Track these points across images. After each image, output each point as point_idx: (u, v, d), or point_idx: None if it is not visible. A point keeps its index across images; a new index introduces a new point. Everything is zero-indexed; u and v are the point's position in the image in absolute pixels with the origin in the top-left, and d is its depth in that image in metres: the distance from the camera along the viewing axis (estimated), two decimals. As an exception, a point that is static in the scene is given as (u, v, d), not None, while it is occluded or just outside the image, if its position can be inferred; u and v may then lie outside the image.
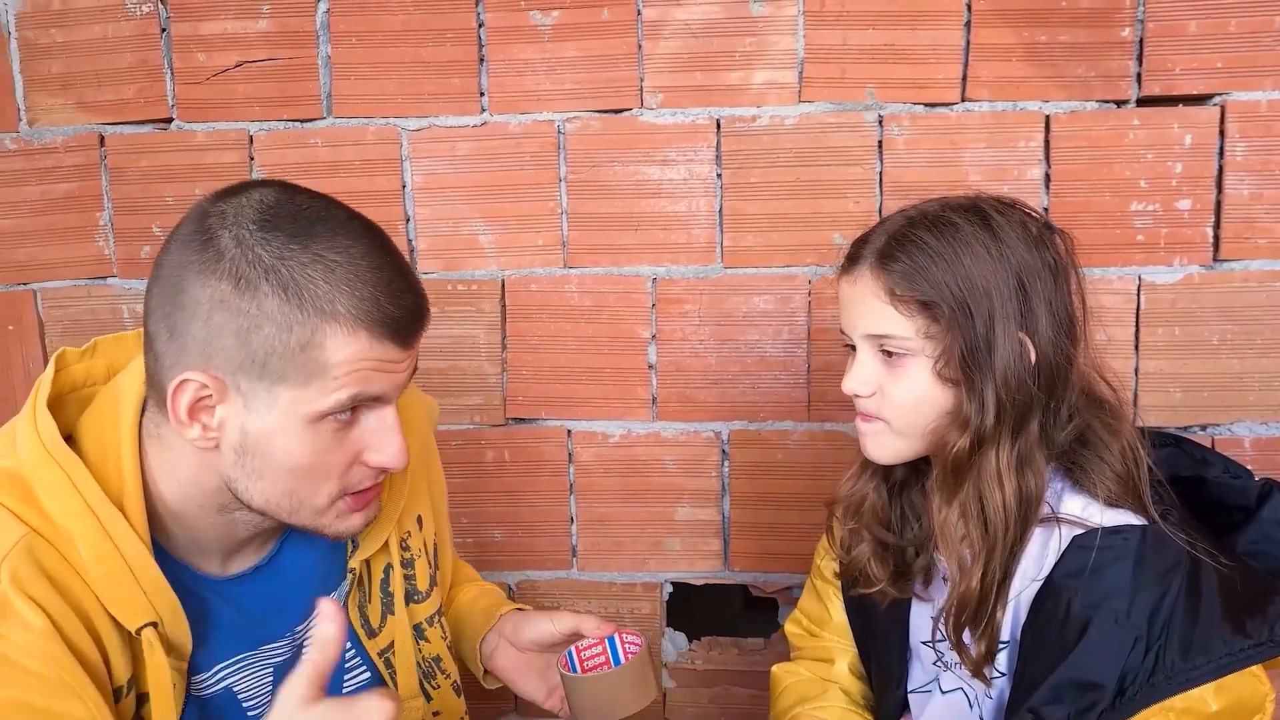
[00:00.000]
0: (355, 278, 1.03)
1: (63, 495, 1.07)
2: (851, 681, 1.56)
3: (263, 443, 1.06)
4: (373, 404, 1.10)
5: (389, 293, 1.05)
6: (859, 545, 1.45)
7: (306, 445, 1.06)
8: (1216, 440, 1.84)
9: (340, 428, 1.08)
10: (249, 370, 1.03)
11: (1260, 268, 1.79)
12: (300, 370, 1.03)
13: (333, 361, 1.03)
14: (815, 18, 1.82)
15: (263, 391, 1.04)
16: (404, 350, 1.08)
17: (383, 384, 1.08)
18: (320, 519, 1.13)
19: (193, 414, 1.05)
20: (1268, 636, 1.14)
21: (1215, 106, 1.78)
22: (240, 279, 1.01)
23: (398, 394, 1.11)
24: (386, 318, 1.04)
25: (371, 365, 1.05)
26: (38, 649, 1.01)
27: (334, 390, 1.04)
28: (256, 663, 1.23)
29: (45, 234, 1.99)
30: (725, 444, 1.94)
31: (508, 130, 1.90)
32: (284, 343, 1.02)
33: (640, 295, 1.91)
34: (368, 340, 1.04)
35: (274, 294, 1.01)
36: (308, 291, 1.01)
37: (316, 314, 1.01)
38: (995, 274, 1.23)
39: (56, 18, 1.94)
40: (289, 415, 1.05)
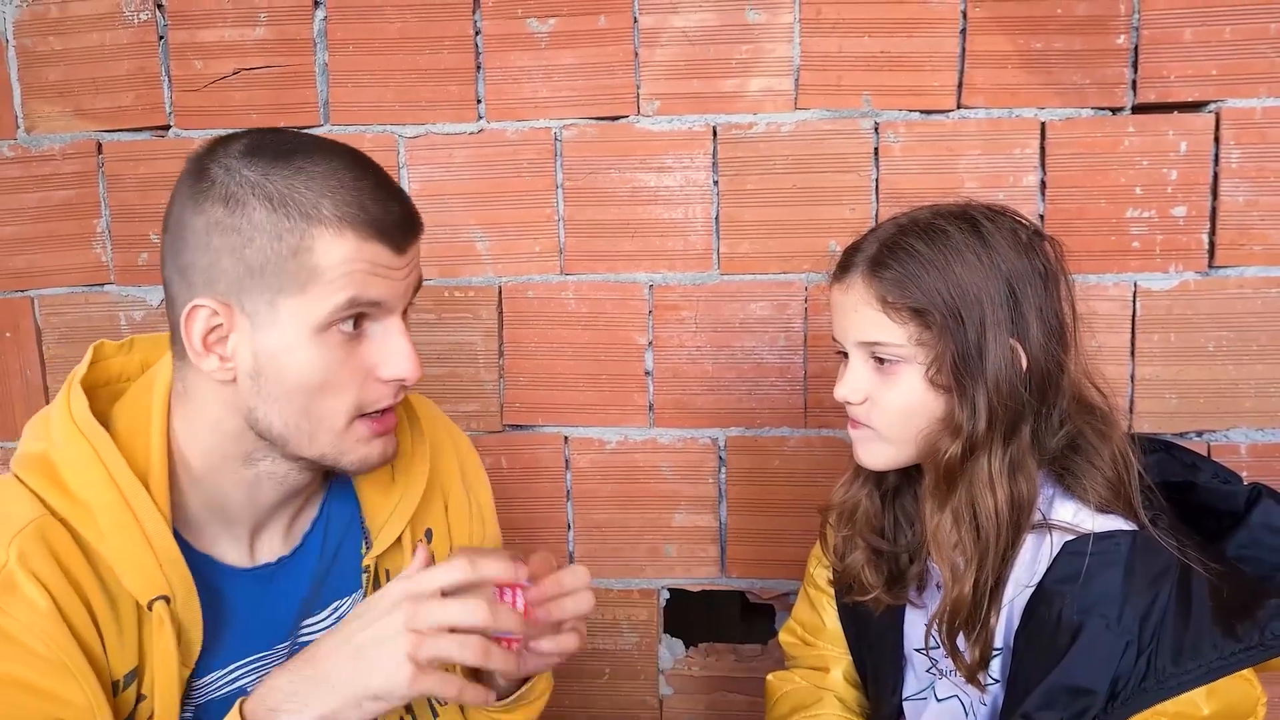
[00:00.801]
0: (339, 184, 1.06)
1: (87, 468, 1.09)
2: (846, 689, 1.56)
3: (273, 361, 1.09)
4: (377, 314, 1.11)
5: (373, 196, 1.08)
6: (852, 552, 1.45)
7: (316, 358, 1.08)
8: (1212, 447, 1.84)
9: (347, 340, 1.10)
10: (249, 286, 1.06)
11: (1255, 274, 1.80)
12: (295, 277, 1.05)
13: (324, 264, 1.05)
14: (811, 25, 1.82)
15: (265, 306, 1.07)
16: (396, 254, 1.10)
17: (380, 289, 1.09)
18: (340, 443, 1.14)
19: (207, 344, 1.08)
20: (1258, 640, 1.14)
21: (1210, 114, 1.78)
22: (229, 199, 1.05)
23: (400, 303, 1.13)
24: (372, 219, 1.07)
25: (364, 267, 1.07)
26: (40, 628, 1.02)
27: (331, 294, 1.06)
28: (269, 663, 1.23)
29: (43, 241, 1.99)
30: (722, 450, 1.94)
31: (505, 137, 1.91)
32: (276, 251, 1.05)
33: (637, 302, 1.92)
34: (355, 240, 1.06)
35: (261, 206, 1.05)
36: (292, 199, 1.05)
37: (303, 218, 1.05)
38: (986, 281, 1.23)
39: (54, 25, 1.94)
40: (294, 328, 1.07)
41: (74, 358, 1.95)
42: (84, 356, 1.23)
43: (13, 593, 1.03)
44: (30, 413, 1.98)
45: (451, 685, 1.05)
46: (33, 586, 1.03)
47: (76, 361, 1.96)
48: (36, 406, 1.99)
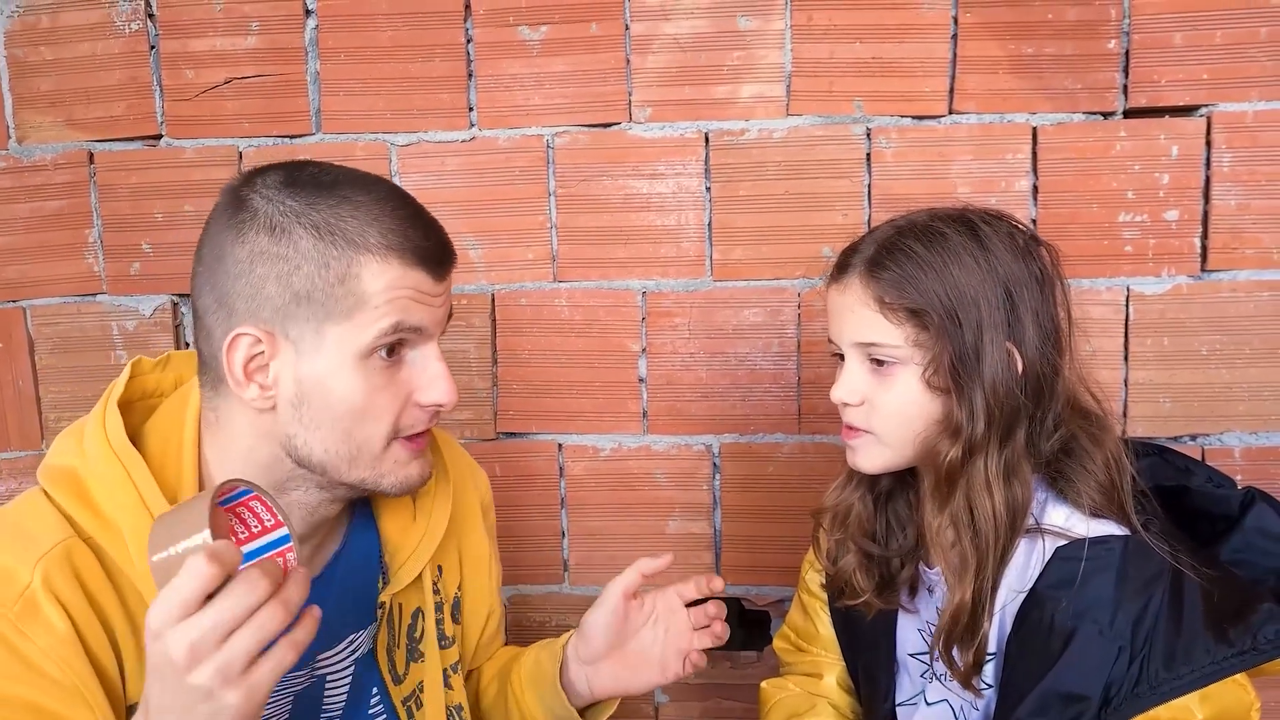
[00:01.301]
0: (381, 212, 1.10)
1: (119, 490, 1.11)
2: (840, 695, 1.56)
3: (317, 388, 1.11)
4: (416, 340, 1.15)
5: (415, 224, 1.12)
6: (845, 556, 1.45)
7: (359, 384, 1.11)
8: (1206, 450, 1.84)
9: (388, 367, 1.13)
10: (295, 313, 1.09)
11: (1248, 278, 1.80)
12: (341, 304, 1.08)
13: (370, 291, 1.09)
14: (803, 32, 1.83)
15: (310, 334, 1.09)
16: (436, 282, 1.14)
17: (421, 315, 1.13)
18: (379, 466, 1.16)
19: (249, 373, 1.11)
20: (1251, 645, 1.14)
21: (1201, 118, 1.78)
22: (275, 228, 1.08)
23: (438, 329, 1.17)
24: (415, 247, 1.11)
25: (408, 294, 1.10)
26: (57, 653, 1.04)
27: (376, 320, 1.09)
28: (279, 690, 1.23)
29: (35, 251, 1.99)
30: (716, 457, 1.94)
31: (497, 145, 1.90)
32: (323, 278, 1.08)
33: (630, 309, 1.92)
34: (400, 268, 1.10)
35: (308, 235, 1.08)
36: (339, 228, 1.08)
37: (350, 247, 1.08)
38: (983, 284, 1.24)
39: (45, 35, 1.94)
40: (338, 354, 1.10)
41: (66, 368, 1.98)
42: (122, 372, 1.24)
43: (34, 616, 1.04)
44: (23, 423, 2.01)
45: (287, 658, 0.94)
46: (54, 610, 1.05)
47: (69, 371, 1.99)
48: (29, 417, 2.00)
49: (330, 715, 1.30)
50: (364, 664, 1.32)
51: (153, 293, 1.97)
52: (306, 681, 1.27)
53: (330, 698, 1.30)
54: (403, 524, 1.35)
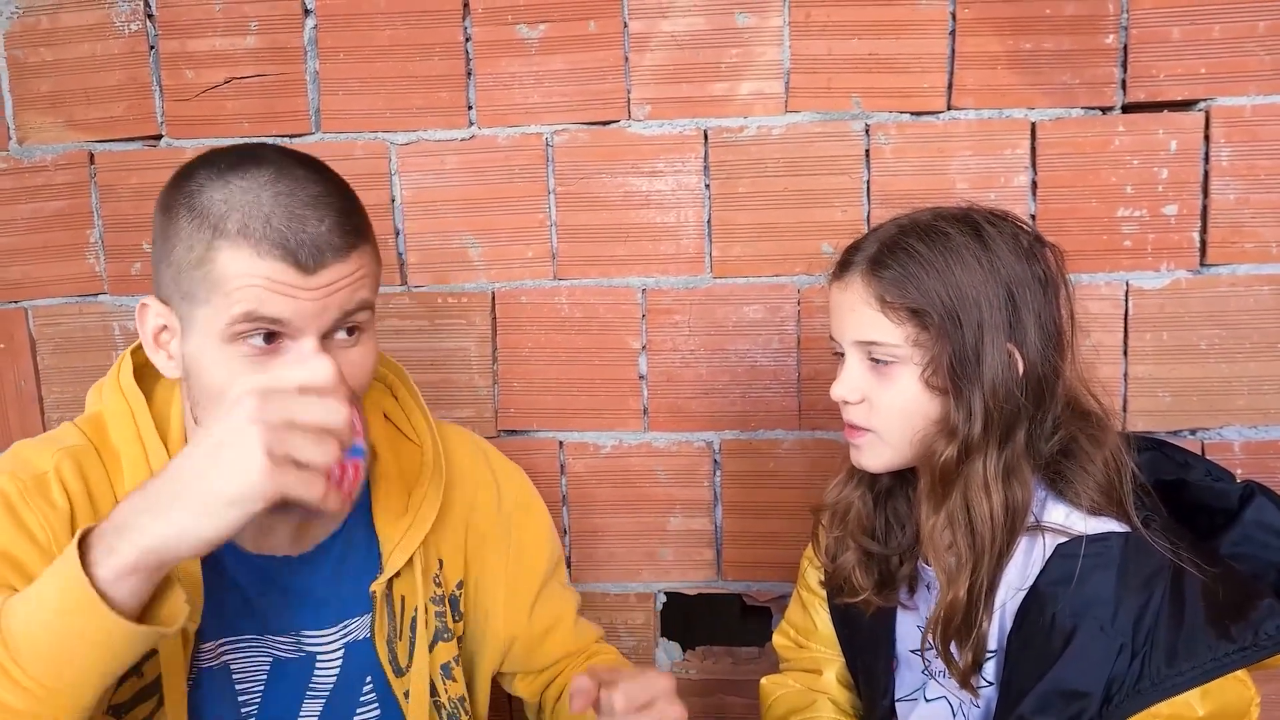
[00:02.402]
0: (253, 200, 1.08)
1: (123, 422, 1.22)
2: (840, 691, 1.56)
3: (194, 365, 1.13)
4: (290, 333, 1.11)
5: (285, 212, 1.09)
6: (844, 553, 1.46)
7: (220, 366, 1.11)
8: (1206, 444, 1.84)
9: (258, 354, 1.10)
10: (173, 292, 1.12)
11: (1247, 272, 1.80)
12: (202, 286, 1.09)
13: (224, 276, 1.08)
14: (800, 28, 1.83)
15: (187, 313, 1.12)
16: (301, 274, 1.08)
17: (281, 307, 1.09)
18: None
19: (159, 341, 1.18)
20: (1252, 640, 1.14)
21: (1200, 112, 1.78)
22: (167, 208, 1.13)
23: (311, 323, 1.11)
24: (276, 235, 1.08)
25: (262, 283, 1.08)
26: (51, 526, 1.13)
27: (229, 307, 1.08)
28: (259, 648, 1.28)
29: (36, 252, 1.99)
30: (717, 453, 1.94)
31: (496, 143, 1.91)
32: (188, 260, 1.09)
33: (630, 306, 1.92)
34: (252, 256, 1.07)
35: (184, 216, 1.10)
36: (208, 211, 1.09)
37: (210, 230, 1.08)
38: (985, 284, 1.24)
39: (45, 37, 1.94)
40: (205, 335, 1.11)
41: (68, 368, 1.99)
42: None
43: (41, 492, 1.15)
44: (25, 423, 2.01)
45: (315, 485, 0.93)
46: (59, 492, 1.15)
47: (71, 372, 2.00)
48: (32, 417, 2.00)
49: (316, 695, 1.32)
50: (357, 651, 1.34)
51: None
52: (294, 654, 1.30)
53: (319, 679, 1.32)
54: (393, 515, 1.35)
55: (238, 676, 1.26)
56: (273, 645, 1.28)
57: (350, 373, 1.12)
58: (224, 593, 1.23)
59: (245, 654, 1.26)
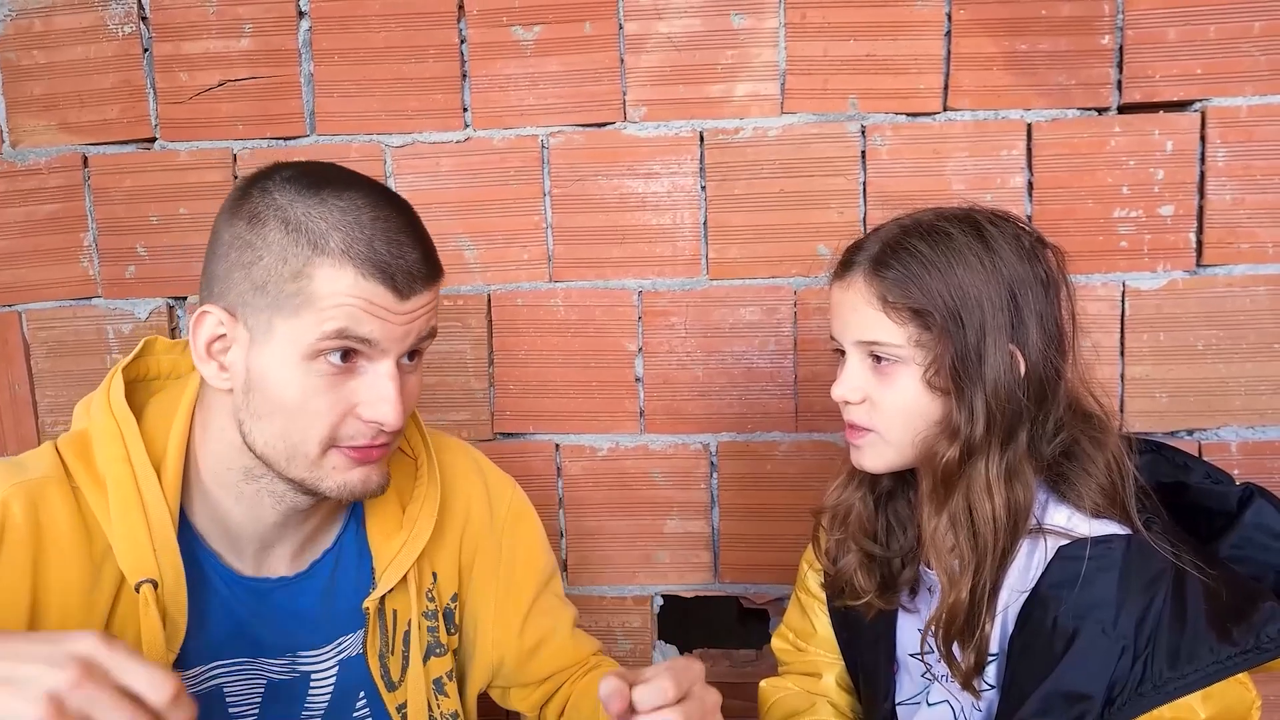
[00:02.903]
0: (354, 221, 1.10)
1: (109, 443, 1.17)
2: (839, 694, 1.56)
3: (262, 379, 1.12)
4: (370, 353, 1.13)
5: (385, 238, 1.11)
6: (845, 556, 1.45)
7: (296, 383, 1.11)
8: (1203, 445, 1.84)
9: (335, 373, 1.12)
10: (252, 301, 1.11)
11: (1243, 272, 1.80)
12: (292, 299, 1.09)
13: (321, 293, 1.09)
14: (796, 29, 1.82)
15: (263, 324, 1.11)
16: (398, 298, 1.12)
17: (373, 328, 1.11)
18: (315, 470, 1.16)
19: (211, 351, 1.15)
20: (1254, 643, 1.14)
21: (1196, 113, 1.78)
22: (254, 217, 1.11)
23: (396, 346, 1.14)
24: (378, 259, 1.10)
25: (359, 304, 1.09)
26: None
27: (321, 323, 1.09)
28: (252, 671, 1.26)
29: (29, 255, 1.98)
30: (713, 456, 1.94)
31: (491, 145, 1.90)
32: (279, 272, 1.09)
33: (626, 308, 1.91)
34: (354, 276, 1.09)
35: (277, 228, 1.09)
36: (306, 227, 1.09)
37: (310, 246, 1.09)
38: (988, 285, 1.24)
39: (38, 39, 1.94)
40: (284, 349, 1.10)
41: (62, 372, 1.98)
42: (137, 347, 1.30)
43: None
44: (19, 427, 2.00)
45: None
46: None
47: (65, 375, 1.99)
48: (25, 421, 1.99)
49: (311, 713, 1.32)
50: (350, 667, 1.33)
51: (148, 296, 1.97)
52: (287, 675, 1.29)
53: (313, 697, 1.31)
54: (388, 530, 1.35)
55: (231, 700, 1.25)
56: (266, 668, 1.27)
57: (410, 395, 1.18)
58: (216, 617, 1.22)
59: (238, 677, 1.25)
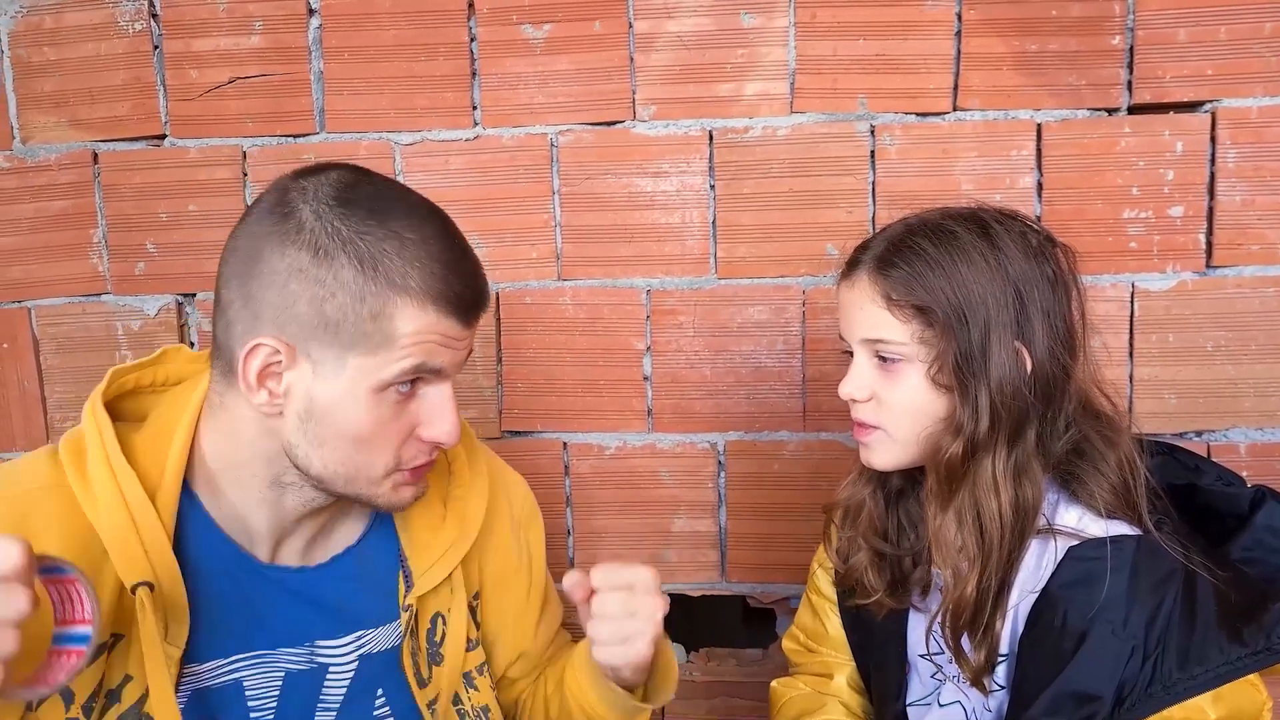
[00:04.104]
0: (428, 255, 1.10)
1: (95, 448, 1.16)
2: (851, 695, 1.56)
3: (328, 411, 1.12)
4: (432, 379, 1.15)
5: (458, 272, 1.12)
6: (856, 554, 1.45)
7: (369, 414, 1.12)
8: (1212, 447, 1.84)
9: (400, 400, 1.14)
10: (321, 337, 1.09)
11: (1253, 274, 1.80)
12: (369, 339, 1.09)
13: (401, 332, 1.10)
14: (806, 29, 1.82)
15: (333, 359, 1.10)
16: (465, 328, 1.15)
17: (444, 358, 1.14)
18: (374, 489, 1.19)
19: (261, 379, 1.12)
20: (1264, 645, 1.14)
21: (1206, 113, 1.78)
22: (319, 250, 1.08)
23: (456, 370, 1.17)
24: (455, 295, 1.11)
25: (437, 339, 1.12)
26: None
27: (399, 360, 1.10)
28: (271, 663, 1.26)
29: (39, 251, 1.99)
30: (721, 455, 1.94)
31: (500, 143, 1.90)
32: (357, 312, 1.08)
33: (635, 307, 1.92)
34: (435, 315, 1.10)
35: (350, 265, 1.08)
36: (382, 265, 1.08)
37: (389, 286, 1.08)
38: (992, 283, 1.24)
39: (49, 36, 1.94)
40: (355, 384, 1.11)
41: (71, 368, 1.98)
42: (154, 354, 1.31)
43: None
44: (28, 423, 2.02)
45: None
46: None
47: (74, 371, 2.00)
48: (34, 418, 2.00)
49: (327, 706, 1.31)
50: (374, 663, 1.32)
51: (157, 293, 1.97)
52: (305, 665, 1.28)
53: (329, 689, 1.31)
54: (431, 525, 1.35)
55: (250, 693, 1.25)
56: (285, 658, 1.27)
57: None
58: (234, 607, 1.22)
59: (258, 670, 1.25)
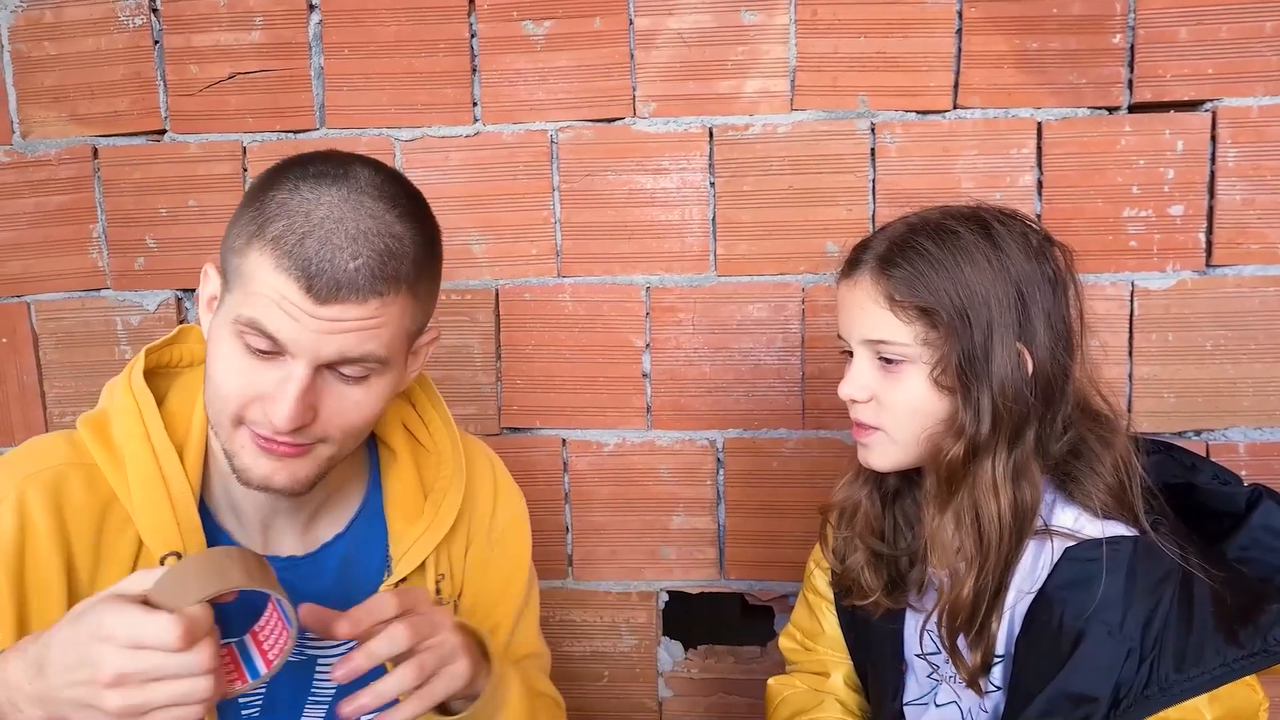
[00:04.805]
0: (303, 214, 1.08)
1: (129, 421, 1.19)
2: (847, 693, 1.56)
3: (210, 344, 1.15)
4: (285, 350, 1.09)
5: (321, 237, 1.07)
6: (853, 554, 1.45)
7: (221, 352, 1.12)
8: (1211, 446, 1.84)
9: (254, 358, 1.10)
10: (224, 265, 1.14)
11: (1253, 273, 1.79)
12: (234, 274, 1.11)
13: (250, 274, 1.09)
14: (807, 26, 1.82)
15: (222, 293, 1.14)
16: (312, 302, 1.06)
17: (283, 326, 1.07)
18: (231, 443, 1.15)
19: (210, 307, 1.17)
20: (1261, 646, 1.14)
21: (1207, 112, 1.78)
22: (250, 190, 1.14)
23: (307, 354, 1.08)
24: (303, 260, 1.06)
25: (272, 296, 1.07)
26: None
27: (241, 305, 1.09)
28: None
29: (39, 246, 1.99)
30: (720, 452, 1.94)
31: (501, 140, 1.90)
32: (233, 247, 1.12)
33: (634, 304, 1.92)
34: (272, 267, 1.07)
35: (252, 203, 1.11)
36: (265, 208, 1.09)
37: (257, 225, 1.09)
38: (995, 283, 1.23)
39: (49, 31, 1.94)
40: (224, 322, 1.12)
41: (70, 363, 1.98)
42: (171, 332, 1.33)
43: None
44: (27, 418, 2.02)
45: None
46: (11, 520, 1.12)
47: (73, 367, 2.00)
48: (33, 412, 2.00)
49: (319, 700, 1.31)
50: None
51: (157, 288, 1.97)
52: (296, 658, 1.27)
53: (320, 682, 1.31)
54: (409, 515, 1.34)
55: None
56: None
57: (337, 410, 1.13)
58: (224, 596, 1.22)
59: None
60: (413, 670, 1.10)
